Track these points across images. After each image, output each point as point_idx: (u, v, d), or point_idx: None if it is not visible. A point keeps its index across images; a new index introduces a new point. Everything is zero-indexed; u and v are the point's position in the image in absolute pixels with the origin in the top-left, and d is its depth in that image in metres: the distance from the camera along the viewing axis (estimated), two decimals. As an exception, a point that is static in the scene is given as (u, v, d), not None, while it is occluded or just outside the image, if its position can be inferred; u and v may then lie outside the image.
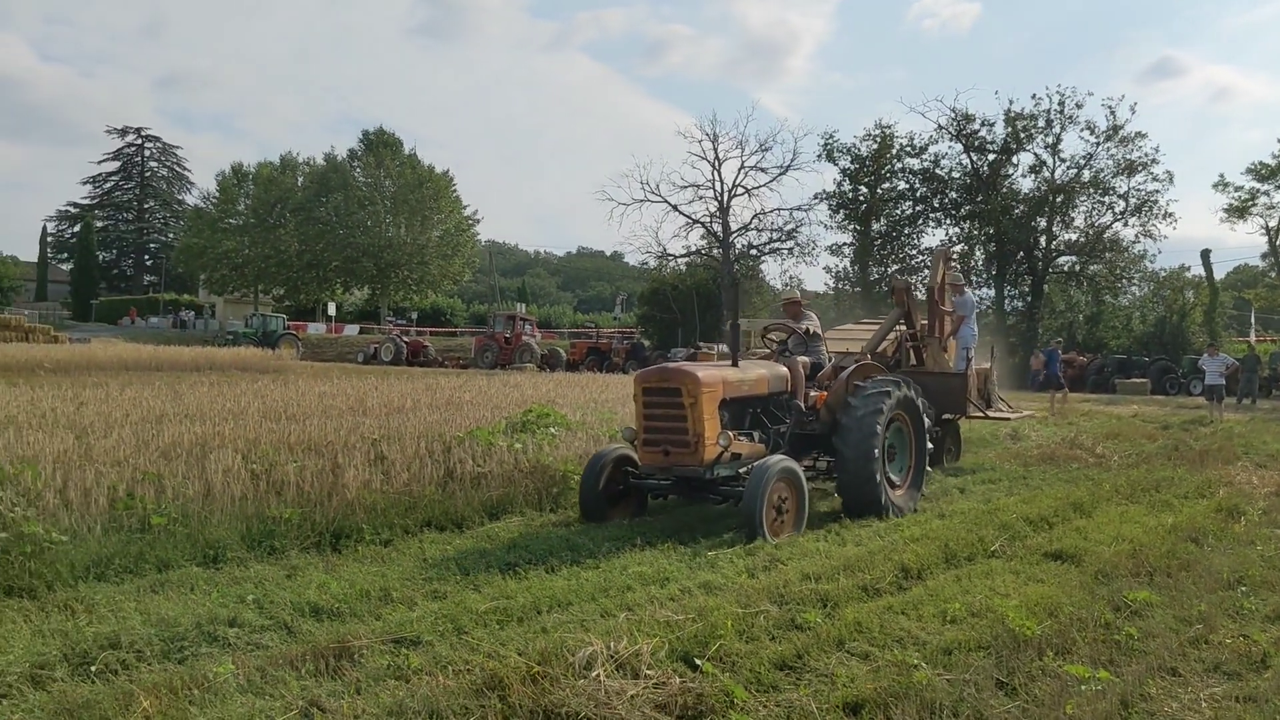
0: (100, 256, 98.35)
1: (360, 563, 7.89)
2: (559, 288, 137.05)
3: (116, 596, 6.69)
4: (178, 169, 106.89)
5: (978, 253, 48.55)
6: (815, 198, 51.70)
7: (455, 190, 78.30)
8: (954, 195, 48.67)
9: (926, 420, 11.18)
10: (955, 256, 17.16)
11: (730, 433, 9.33)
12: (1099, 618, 6.37)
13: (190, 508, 8.36)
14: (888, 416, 10.26)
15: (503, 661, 5.17)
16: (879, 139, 48.86)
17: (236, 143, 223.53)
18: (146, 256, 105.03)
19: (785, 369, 10.63)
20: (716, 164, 52.36)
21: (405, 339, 52.70)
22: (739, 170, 52.48)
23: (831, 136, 49.80)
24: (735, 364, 10.06)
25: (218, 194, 78.75)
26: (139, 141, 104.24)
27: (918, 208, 49.28)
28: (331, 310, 74.29)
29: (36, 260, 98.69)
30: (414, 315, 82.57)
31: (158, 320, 76.51)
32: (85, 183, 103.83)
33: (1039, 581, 7.42)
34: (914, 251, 49.60)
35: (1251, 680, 5.49)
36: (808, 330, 11.44)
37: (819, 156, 51.01)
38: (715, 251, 52.24)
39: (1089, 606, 6.64)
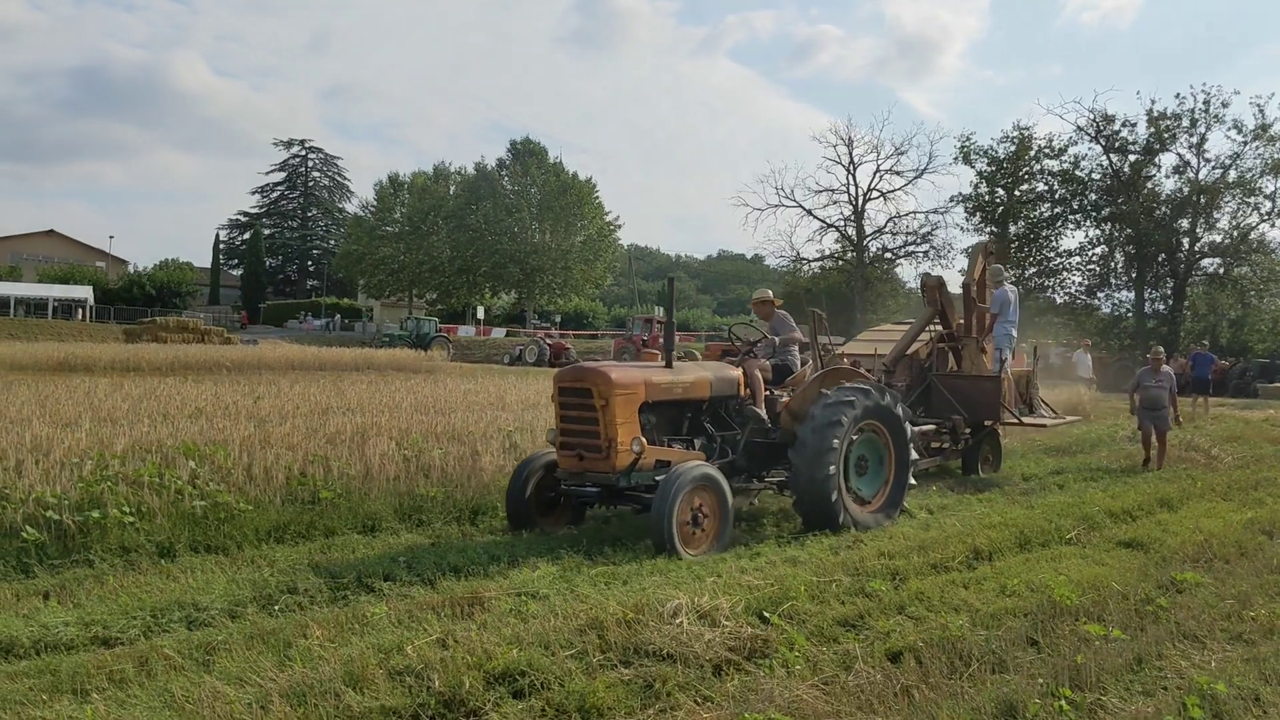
0: (267, 263, 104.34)
1: (493, 534, 9.12)
2: (699, 291, 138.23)
3: (292, 555, 8.07)
4: (338, 178, 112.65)
5: (1118, 255, 47.48)
6: (951, 200, 51.52)
7: (597, 196, 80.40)
8: (1093, 197, 47.73)
9: (909, 429, 10.34)
10: (995, 250, 15.81)
11: (642, 438, 8.65)
12: (1140, 593, 7.05)
13: (352, 485, 9.79)
14: (850, 427, 9.46)
15: (603, 609, 6.23)
16: (1017, 141, 48.33)
17: (394, 151, 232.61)
18: (309, 262, 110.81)
19: (736, 372, 9.92)
20: (851, 168, 52.71)
21: (549, 341, 54.60)
22: (874, 174, 52.66)
23: (969, 139, 49.55)
24: (669, 364, 9.40)
25: (375, 203, 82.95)
26: (303, 153, 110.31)
27: (1056, 209, 48.50)
28: (480, 314, 77.32)
29: (210, 266, 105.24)
30: (557, 318, 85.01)
31: (319, 322, 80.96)
32: (254, 193, 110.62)
33: (1101, 565, 8.08)
34: (1051, 254, 48.78)
35: (1264, 647, 6.12)
36: (776, 334, 10.77)
37: (955, 159, 50.79)
38: (850, 255, 52.53)
39: (1135, 584, 7.31)
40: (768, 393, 10.13)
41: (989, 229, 49.35)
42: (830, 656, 5.78)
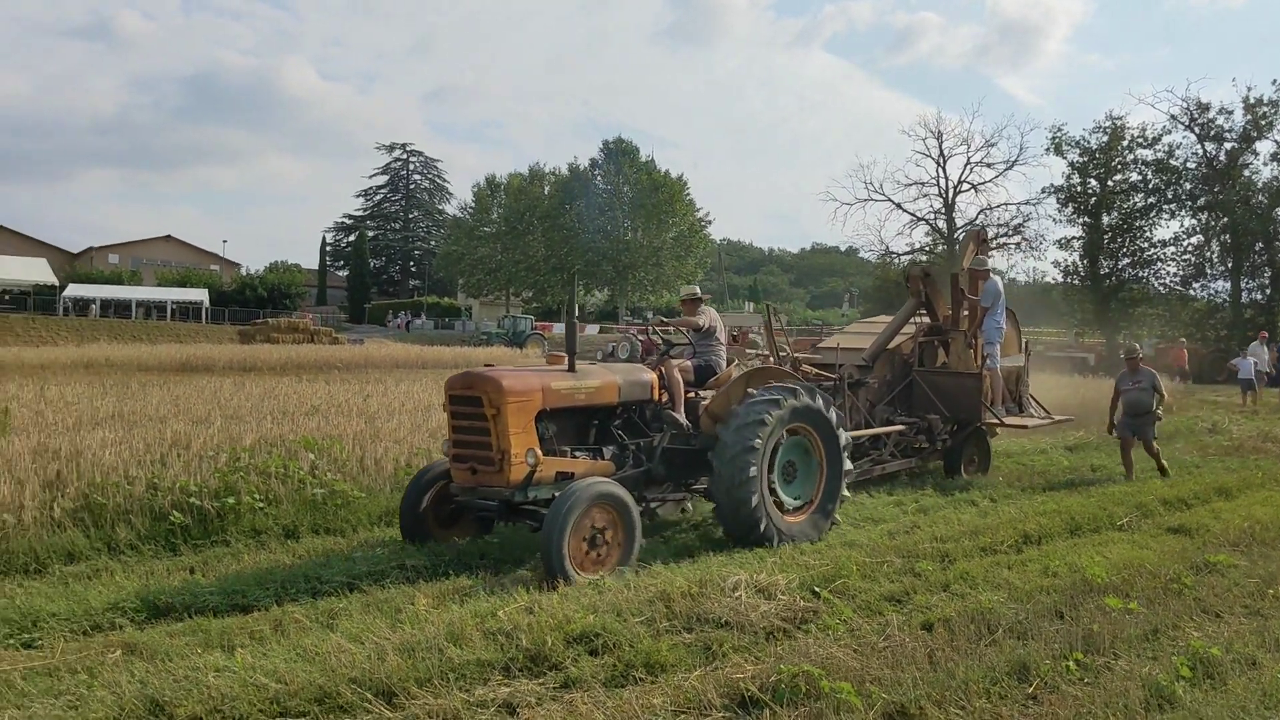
0: (371, 263, 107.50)
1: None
2: (791, 284, 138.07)
3: (399, 536, 9.04)
4: (438, 180, 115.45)
5: (1214, 244, 46.43)
6: (1043, 191, 50.84)
7: (689, 194, 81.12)
8: (1188, 186, 46.74)
9: (843, 435, 9.68)
10: (988, 238, 14.88)
11: (538, 450, 8.03)
12: (1169, 572, 7.58)
13: (452, 475, 10.75)
14: (774, 431, 8.90)
15: (670, 582, 7.03)
16: (1109, 131, 47.58)
17: (493, 151, 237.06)
18: (411, 263, 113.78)
19: (650, 374, 9.29)
20: (941, 161, 52.48)
21: (640, 337, 55.49)
22: (965, 166, 52.34)
23: (1060, 130, 48.88)
24: (571, 367, 8.75)
25: (473, 204, 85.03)
26: (404, 156, 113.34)
27: (1150, 199, 47.60)
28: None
29: (317, 268, 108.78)
30: (649, 314, 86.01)
31: (420, 321, 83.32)
32: (358, 195, 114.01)
33: (1144, 549, 8.60)
34: (1145, 244, 47.90)
35: (1276, 621, 6.64)
36: (700, 326, 9.94)
37: (1047, 150, 50.08)
38: (940, 248, 52.34)
39: (1168, 566, 7.84)
40: (691, 395, 9.58)
41: (1081, 219, 48.69)
42: (871, 626, 6.48)
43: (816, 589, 7.12)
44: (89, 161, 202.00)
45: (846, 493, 9.92)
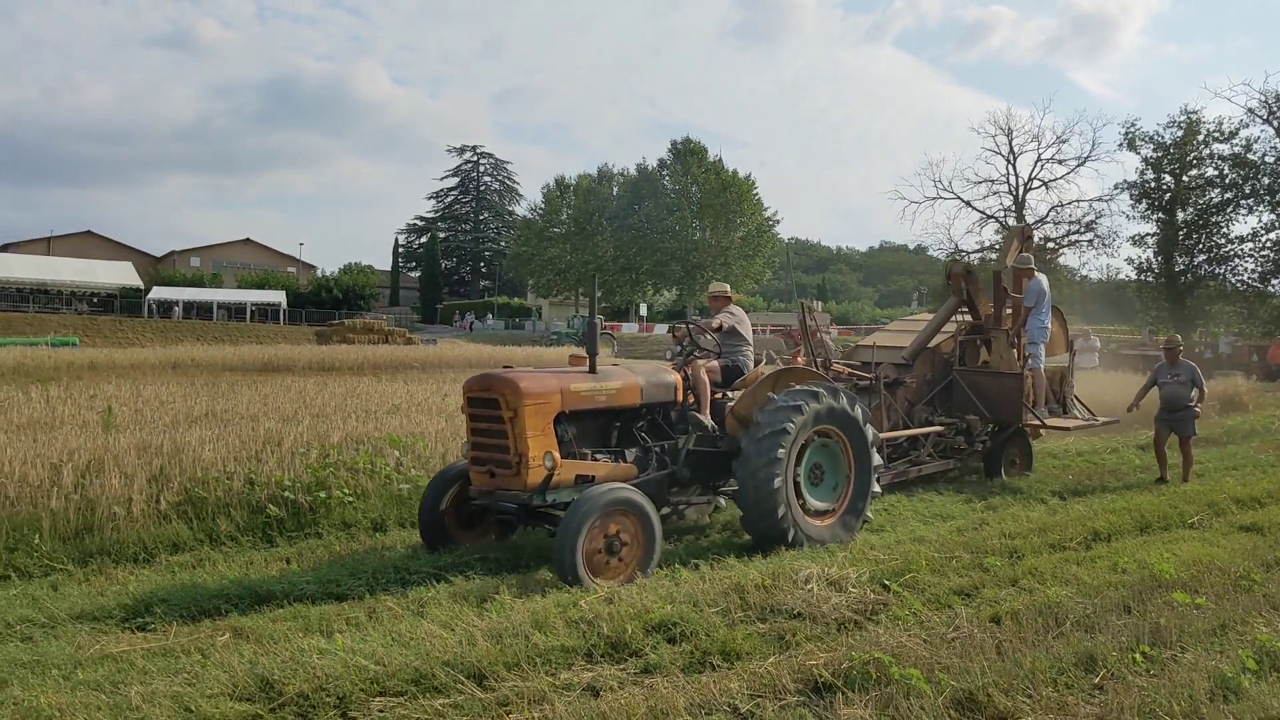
0: (443, 264, 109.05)
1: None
2: (860, 283, 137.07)
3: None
4: (508, 182, 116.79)
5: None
6: (1116, 188, 50.01)
7: (756, 193, 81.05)
8: (1267, 180, 45.57)
9: (869, 431, 9.49)
10: (1033, 235, 14.18)
11: (555, 453, 7.93)
12: (1239, 569, 7.64)
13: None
14: (800, 435, 8.75)
15: (744, 575, 7.28)
16: (1184, 125, 46.63)
17: (563, 153, 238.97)
18: (481, 264, 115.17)
19: (674, 376, 9.16)
20: (1011, 158, 51.87)
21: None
22: (1035, 163, 51.67)
23: (1133, 125, 48.00)
24: (593, 369, 8.63)
25: (543, 205, 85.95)
26: (474, 158, 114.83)
27: (1227, 195, 46.54)
28: (643, 310, 79.23)
29: (390, 269, 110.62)
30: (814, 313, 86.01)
31: (492, 322, 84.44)
32: (429, 197, 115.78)
33: (1215, 546, 8.64)
34: (1222, 240, 46.84)
35: (1346, 618, 6.69)
36: (720, 326, 9.80)
37: (1120, 146, 49.19)
38: (1011, 246, 51.74)
39: (1238, 563, 7.89)
40: (718, 396, 9.48)
41: (1156, 216, 47.78)
42: (940, 618, 6.66)
43: (886, 582, 7.30)
44: (171, 167, 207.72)
45: (878, 488, 9.75)
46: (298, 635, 6.22)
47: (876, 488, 9.66)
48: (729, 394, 9.55)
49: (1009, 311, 13.18)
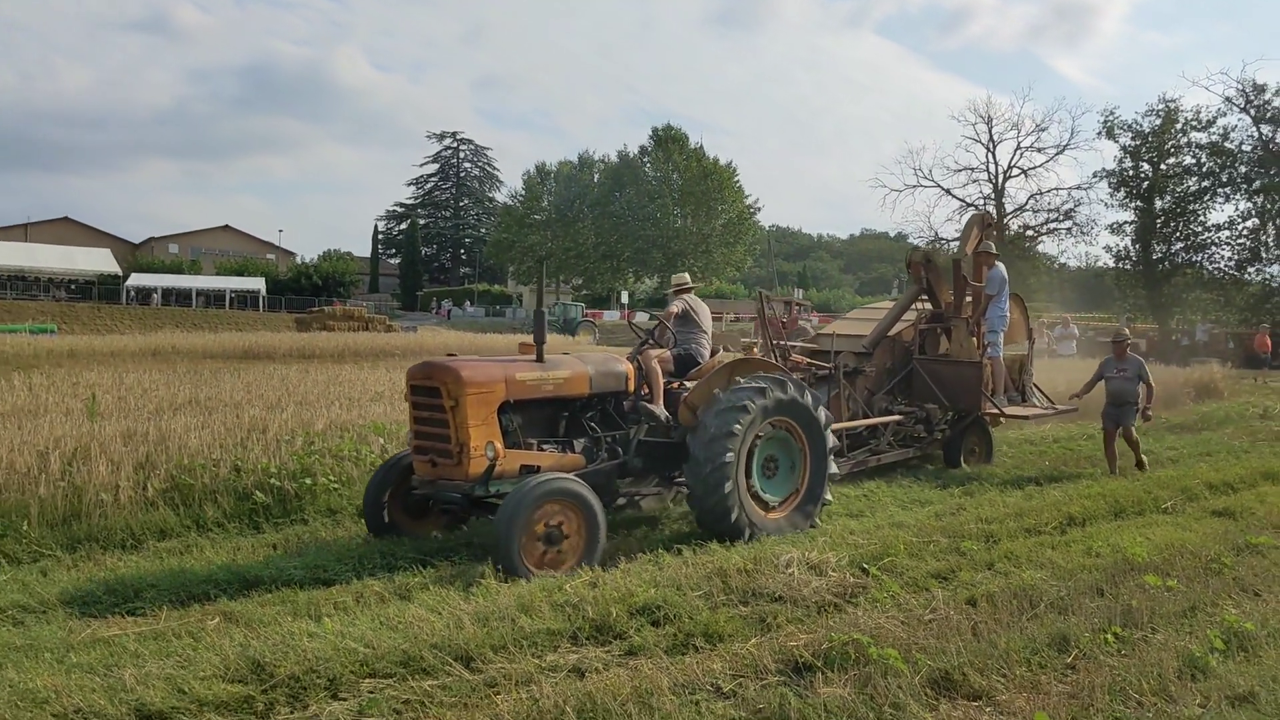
0: (423, 251, 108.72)
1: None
2: (841, 271, 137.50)
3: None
4: (488, 169, 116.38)
5: (1269, 228, 45.80)
6: (1095, 176, 50.42)
7: (738, 180, 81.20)
8: (1244, 169, 46.11)
9: (829, 437, 9.42)
10: (994, 223, 14.20)
11: (497, 443, 7.75)
12: (1210, 553, 7.83)
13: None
14: (756, 419, 8.68)
15: (727, 560, 7.41)
16: (1162, 114, 47.05)
17: (544, 139, 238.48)
18: (461, 251, 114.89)
19: (624, 365, 9.00)
20: (991, 146, 52.17)
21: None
22: (1015, 151, 52.00)
23: (1112, 113, 48.48)
24: (540, 358, 8.50)
25: (523, 192, 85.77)
26: (454, 144, 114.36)
27: (1204, 183, 47.03)
28: (624, 298, 79.28)
29: (370, 256, 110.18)
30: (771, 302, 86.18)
31: (473, 309, 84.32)
32: (409, 184, 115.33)
33: (1188, 530, 8.83)
34: (1199, 228, 47.34)
35: (1313, 599, 6.88)
36: (672, 313, 9.74)
37: (1099, 134, 49.62)
38: (991, 234, 52.11)
39: (1210, 547, 8.08)
40: (675, 385, 9.42)
41: (1134, 204, 48.22)
42: (917, 601, 6.81)
43: (866, 566, 7.45)
44: (149, 153, 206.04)
45: (829, 496, 9.60)
46: (287, 619, 6.30)
47: (828, 495, 9.56)
48: (686, 384, 9.46)
49: (969, 300, 13.14)
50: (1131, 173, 48.59)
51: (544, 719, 4.66)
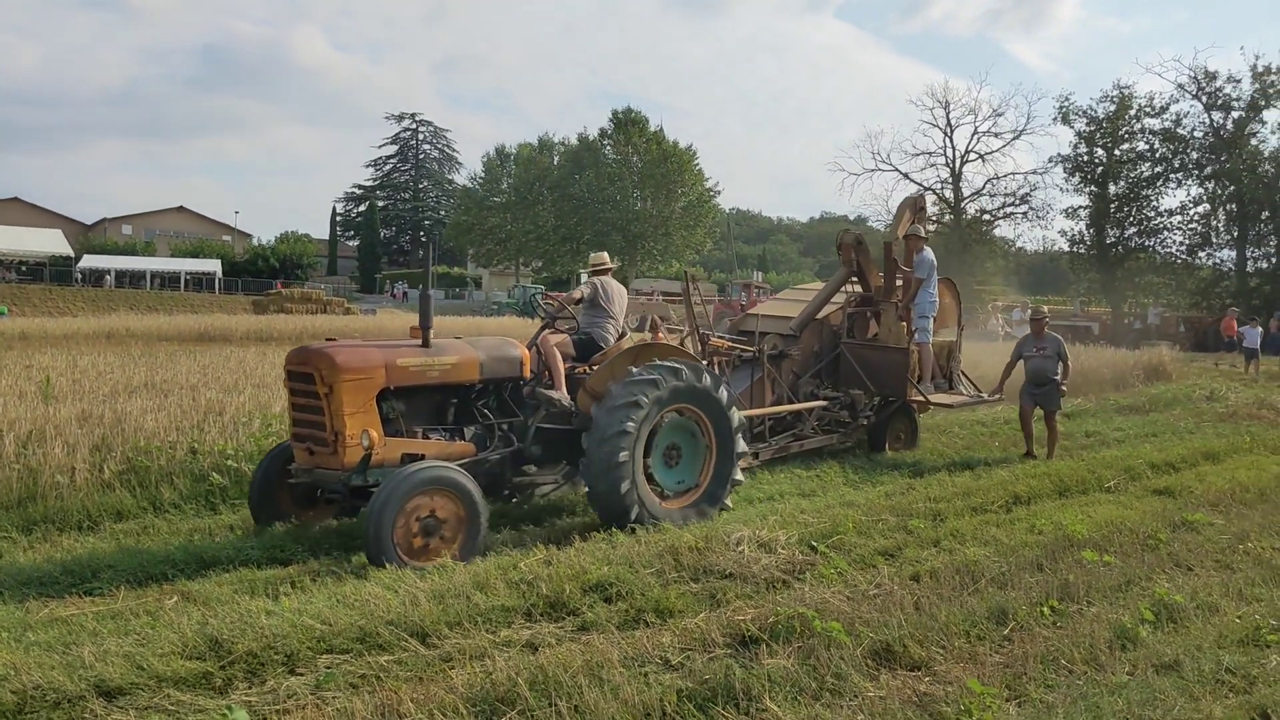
0: (381, 234, 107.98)
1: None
2: (800, 254, 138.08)
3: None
4: (448, 150, 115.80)
5: (1220, 213, 46.77)
6: (1050, 161, 51.22)
7: (698, 164, 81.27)
8: (1195, 155, 47.04)
9: (735, 416, 9.20)
10: (926, 206, 14.13)
11: (373, 431, 7.56)
12: (1147, 530, 8.09)
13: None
14: (650, 413, 8.46)
15: (678, 538, 7.57)
16: (1117, 100, 47.82)
17: (504, 121, 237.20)
18: (421, 233, 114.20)
19: (518, 350, 8.73)
20: (949, 131, 52.73)
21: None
22: (972, 136, 52.60)
23: (1067, 99, 49.20)
24: (426, 343, 8.24)
25: (483, 174, 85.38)
26: (413, 126, 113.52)
27: (1157, 169, 47.89)
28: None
29: (328, 238, 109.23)
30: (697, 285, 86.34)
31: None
32: (368, 165, 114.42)
33: (1128, 509, 9.11)
34: (1152, 214, 48.23)
35: (1244, 574, 7.16)
36: (580, 298, 9.62)
37: (1054, 119, 50.37)
38: (947, 218, 52.68)
39: (1148, 524, 8.35)
40: (581, 370, 9.22)
41: (1088, 189, 49.00)
42: (864, 577, 7.00)
43: (815, 544, 7.64)
44: (101, 132, 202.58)
45: (740, 476, 9.38)
46: (244, 598, 6.38)
47: (739, 475, 9.34)
48: (589, 369, 9.24)
49: (900, 284, 12.97)
50: (1086, 158, 49.37)
51: (497, 691, 4.77)
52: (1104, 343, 29.45)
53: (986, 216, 52.90)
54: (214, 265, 76.25)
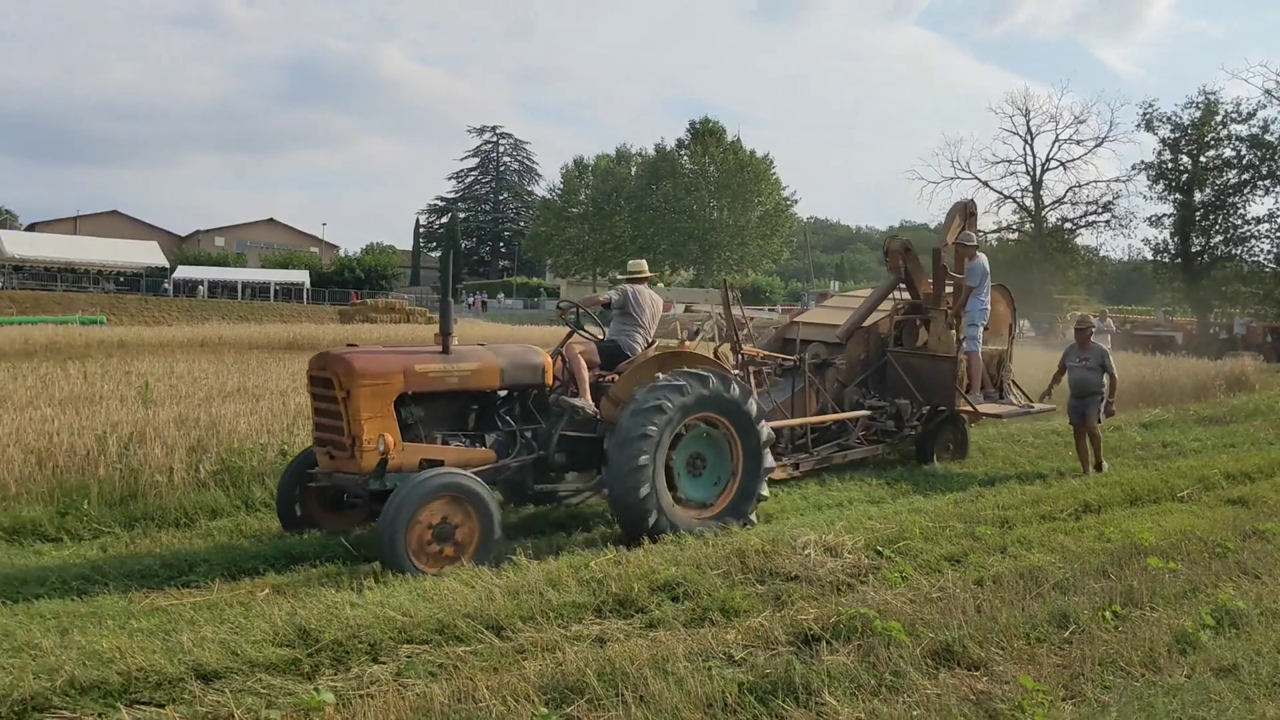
0: (463, 245, 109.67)
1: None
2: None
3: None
4: (527, 162, 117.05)
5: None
6: (1134, 168, 50.02)
7: (774, 172, 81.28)
8: (1285, 161, 45.58)
9: (764, 430, 9.05)
10: (977, 212, 13.76)
11: (388, 436, 7.58)
12: (1216, 538, 8.06)
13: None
14: (674, 419, 8.37)
15: (745, 541, 7.75)
16: (1202, 106, 46.62)
17: (583, 132, 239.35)
18: (500, 244, 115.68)
19: (540, 357, 8.69)
20: (1029, 138, 52.01)
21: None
22: (1053, 144, 51.78)
23: (1151, 105, 48.11)
24: (446, 349, 8.20)
25: (561, 186, 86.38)
26: (494, 139, 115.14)
27: (1244, 176, 46.55)
28: (661, 290, 79.69)
29: (411, 249, 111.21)
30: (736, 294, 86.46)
31: (510, 301, 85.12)
32: (450, 178, 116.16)
33: (1199, 518, 9.06)
34: (1239, 221, 46.89)
35: (1311, 583, 7.12)
36: (608, 302, 9.46)
37: (1137, 126, 49.32)
38: (1027, 227, 51.95)
39: (1218, 533, 8.31)
40: (610, 378, 9.02)
41: (1173, 196, 47.85)
42: (928, 581, 7.12)
43: (880, 548, 7.75)
44: (195, 146, 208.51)
45: (765, 492, 9.21)
46: (331, 591, 6.70)
47: (764, 491, 9.18)
48: (615, 377, 9.06)
49: (950, 291, 12.67)
50: (1171, 165, 48.22)
51: (567, 681, 5.02)
52: (1185, 353, 28.77)
53: (1068, 225, 52.03)
54: (302, 276, 78.24)
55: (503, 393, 8.57)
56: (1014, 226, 53.55)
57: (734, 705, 4.85)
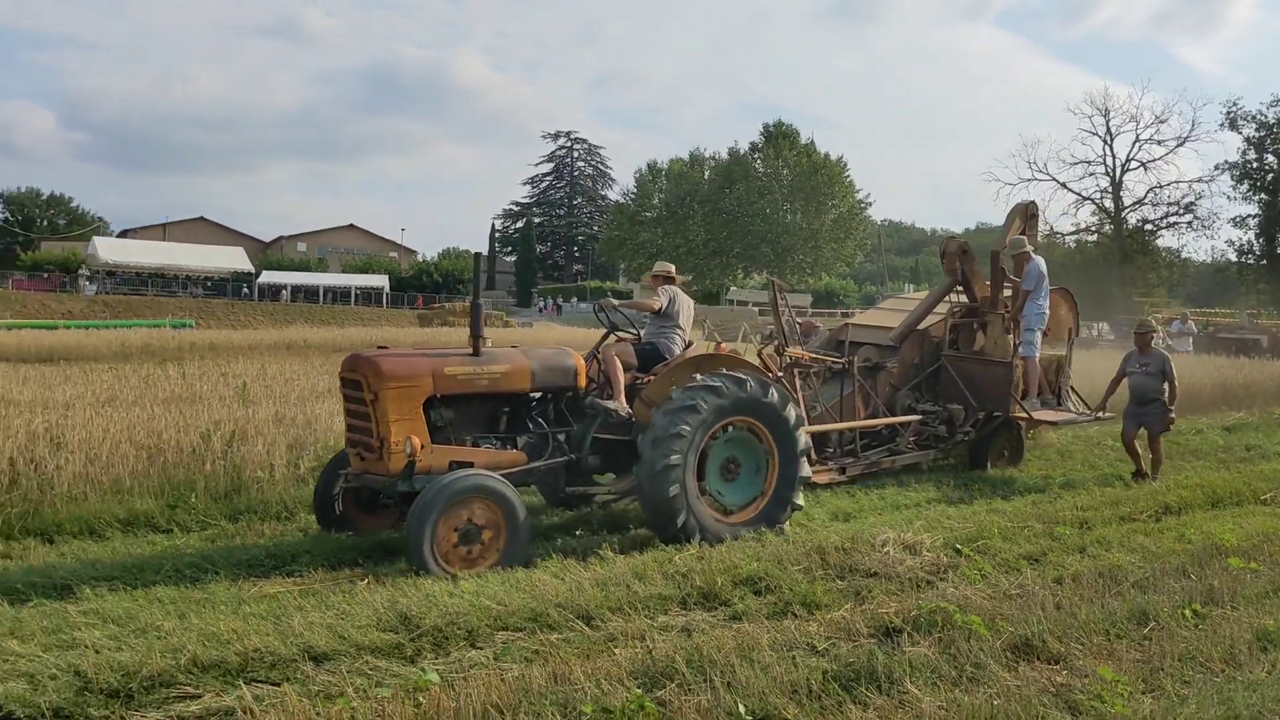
0: (537, 249, 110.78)
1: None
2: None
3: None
4: (601, 167, 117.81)
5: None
6: (1217, 169, 48.93)
7: (848, 175, 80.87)
8: (1373, 160, 44.28)
9: (802, 438, 8.88)
10: (1037, 214, 13.50)
11: (415, 438, 7.54)
12: (1298, 539, 8.04)
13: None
14: (708, 420, 8.27)
15: (825, 538, 7.94)
16: (1288, 105, 45.51)
17: (655, 137, 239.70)
18: (574, 248, 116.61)
19: (573, 359, 8.67)
20: (1108, 139, 51.15)
21: (799, 320, 55.77)
22: (1133, 144, 50.87)
23: (1235, 104, 47.08)
24: (476, 351, 8.19)
25: (635, 190, 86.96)
26: (568, 144, 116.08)
27: (1333, 175, 45.33)
28: (734, 293, 79.69)
29: (487, 254, 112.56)
30: (810, 297, 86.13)
31: (585, 305, 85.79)
32: (525, 183, 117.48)
33: (1284, 521, 9.01)
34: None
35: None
36: (658, 307, 9.32)
37: (1221, 126, 48.28)
38: (1107, 228, 51.07)
39: (1300, 534, 8.28)
40: (647, 380, 8.91)
41: (1258, 196, 46.69)
42: (1006, 579, 7.23)
43: (959, 547, 7.88)
44: (277, 154, 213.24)
45: (800, 501, 9.00)
46: (428, 582, 7.02)
47: (799, 500, 8.98)
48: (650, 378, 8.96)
49: (1008, 294, 12.44)
50: (1256, 165, 47.10)
51: (657, 666, 5.25)
52: (1270, 356, 28.04)
53: (1149, 226, 51.08)
54: (382, 280, 79.86)
55: (535, 395, 8.59)
56: (1093, 228, 52.70)
57: (818, 691, 5.04)
